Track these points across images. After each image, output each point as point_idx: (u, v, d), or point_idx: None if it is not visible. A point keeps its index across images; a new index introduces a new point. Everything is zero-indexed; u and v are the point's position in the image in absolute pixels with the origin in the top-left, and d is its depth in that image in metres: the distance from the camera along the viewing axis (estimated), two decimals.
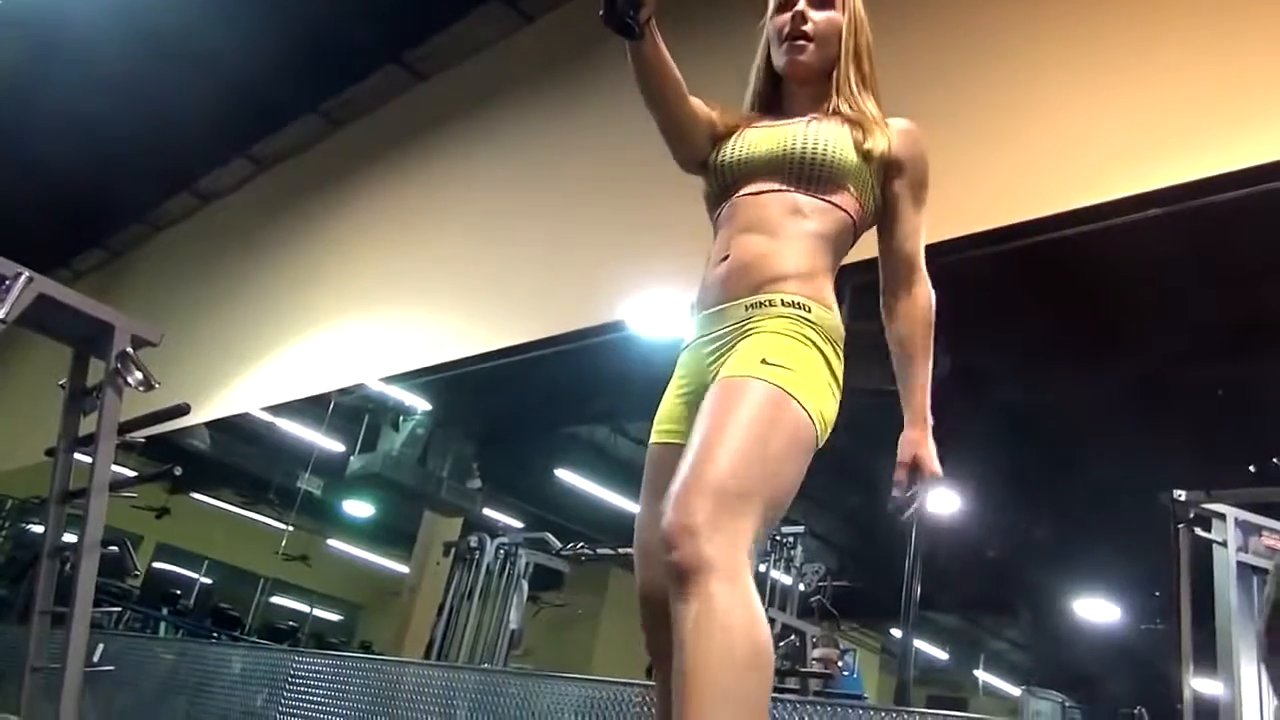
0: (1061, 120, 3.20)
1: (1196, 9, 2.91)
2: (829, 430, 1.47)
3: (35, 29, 5.99)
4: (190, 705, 4.26)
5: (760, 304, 1.52)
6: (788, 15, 1.70)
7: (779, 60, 1.73)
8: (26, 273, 2.42)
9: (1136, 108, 2.99)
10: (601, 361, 6.68)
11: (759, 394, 1.38)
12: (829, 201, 1.59)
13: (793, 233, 1.57)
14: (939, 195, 1.77)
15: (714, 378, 1.48)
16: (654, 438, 1.65)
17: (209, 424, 8.44)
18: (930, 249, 1.80)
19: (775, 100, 1.78)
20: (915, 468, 1.60)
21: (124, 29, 5.84)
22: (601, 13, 1.51)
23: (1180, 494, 4.61)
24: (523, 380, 7.50)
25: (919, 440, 1.61)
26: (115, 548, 2.54)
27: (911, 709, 2.56)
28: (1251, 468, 4.57)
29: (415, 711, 3.54)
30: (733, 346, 1.50)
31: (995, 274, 4.39)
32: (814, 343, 1.49)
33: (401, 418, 9.30)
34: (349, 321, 6.19)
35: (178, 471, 2.62)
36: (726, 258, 1.59)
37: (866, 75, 1.71)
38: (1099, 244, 3.66)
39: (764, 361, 1.41)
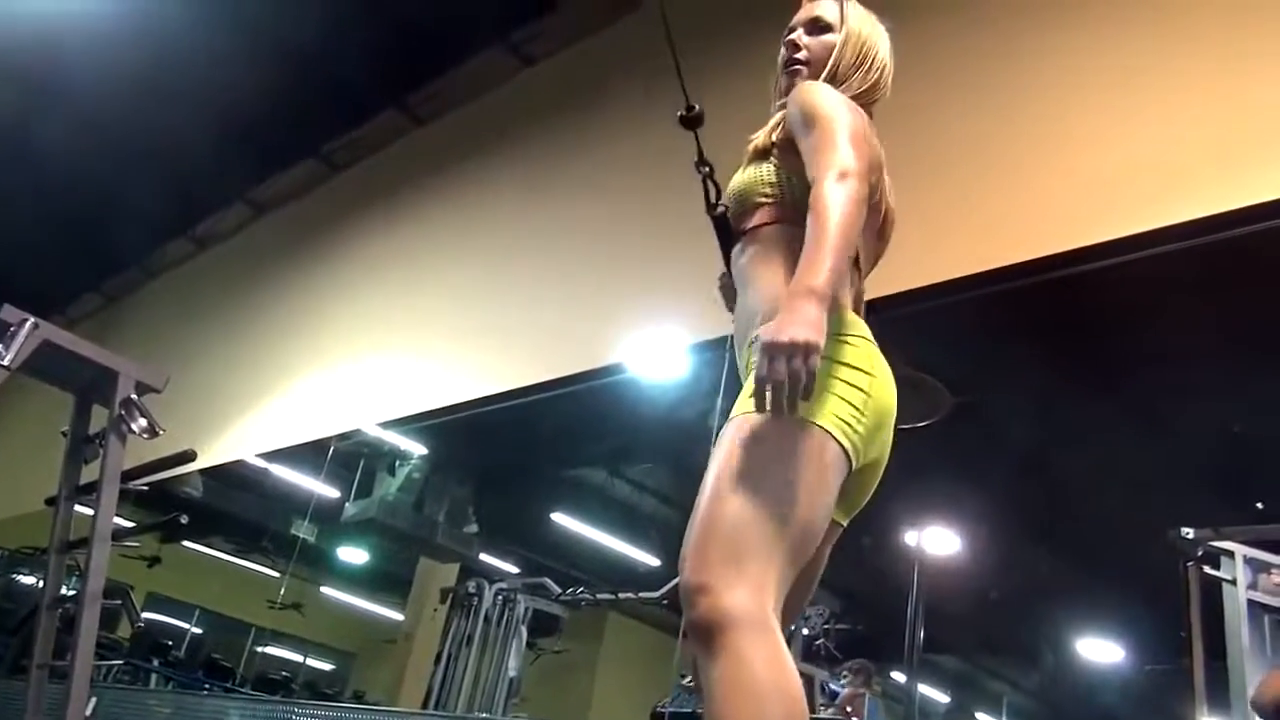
0: (1065, 159, 3.21)
1: (1212, 44, 2.93)
2: (871, 429, 1.38)
3: (29, 73, 5.99)
4: None
5: (752, 341, 1.45)
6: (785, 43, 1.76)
7: (782, 88, 1.76)
8: (32, 319, 2.40)
9: (1144, 145, 2.99)
10: (600, 404, 6.65)
11: (744, 426, 1.32)
12: (750, 228, 1.61)
13: (750, 272, 1.58)
14: (943, 235, 1.78)
15: None
16: None
17: (202, 471, 8.37)
18: (936, 289, 1.80)
19: None
20: None
21: (120, 72, 5.85)
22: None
23: (1188, 531, 4.58)
24: (520, 423, 7.47)
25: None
26: (117, 600, 2.48)
27: None
28: (1260, 504, 4.55)
29: None
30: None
31: (999, 312, 4.38)
32: None
33: (398, 462, 9.25)
34: (347, 367, 6.16)
35: (184, 520, 2.58)
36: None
37: (838, 80, 1.68)
38: (1103, 281, 3.66)
39: (749, 395, 1.32)
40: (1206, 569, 4.57)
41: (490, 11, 5.44)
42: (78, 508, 2.77)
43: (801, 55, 1.71)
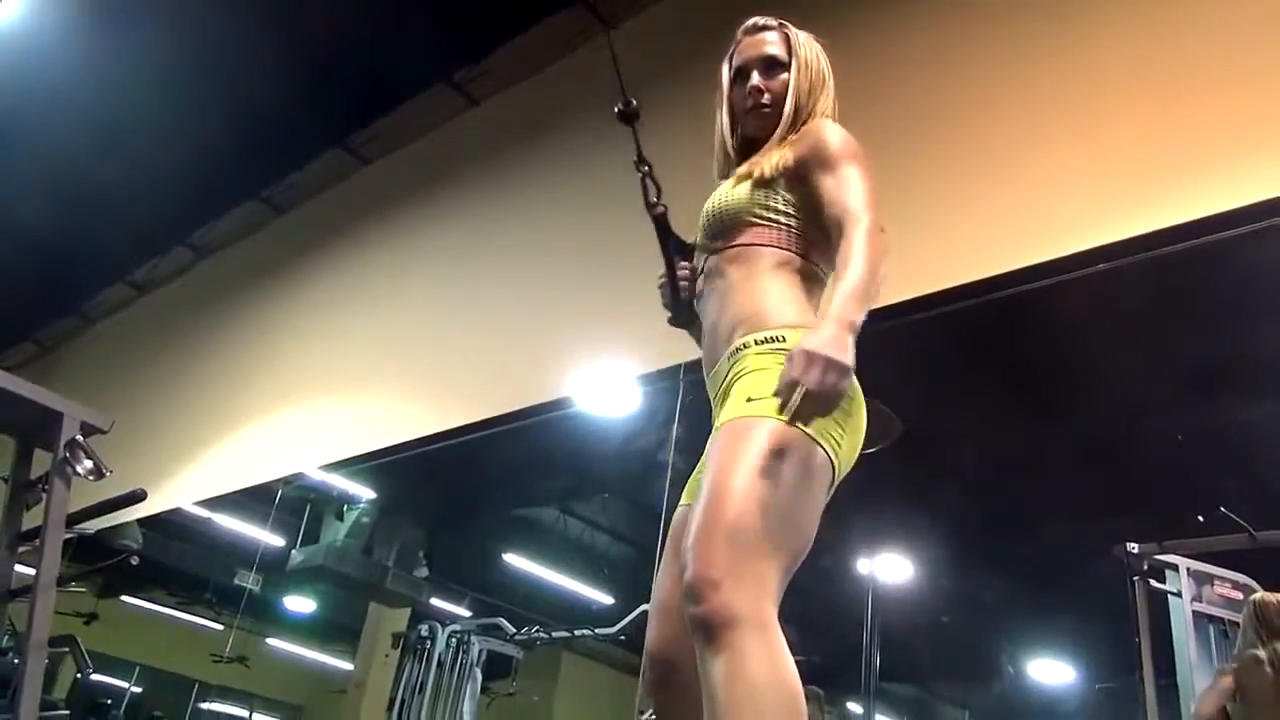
0: (1002, 182, 3.30)
1: (1141, 65, 3.05)
2: (849, 452, 1.44)
3: None
4: None
5: (735, 351, 1.53)
6: (746, 89, 1.79)
7: (749, 129, 1.82)
8: None
9: (1079, 165, 3.09)
10: (549, 440, 6.63)
11: (753, 431, 1.35)
12: (736, 245, 1.65)
13: (736, 283, 1.62)
14: (896, 257, 1.80)
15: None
16: (682, 499, 1.64)
17: (142, 521, 8.15)
18: (879, 313, 1.81)
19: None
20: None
21: (56, 117, 5.76)
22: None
23: (1133, 547, 4.70)
24: (470, 464, 7.40)
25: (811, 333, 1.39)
26: (65, 647, 2.41)
27: None
28: (1200, 518, 4.67)
29: None
30: (725, 400, 1.50)
31: (940, 336, 4.47)
32: None
33: (345, 507, 9.09)
34: (290, 410, 6.06)
35: (135, 561, 2.50)
36: (709, 329, 1.67)
37: (803, 109, 1.76)
38: (1041, 302, 3.76)
39: (749, 400, 1.40)
40: (1153, 583, 4.68)
41: (434, 51, 5.46)
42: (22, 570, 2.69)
43: (766, 99, 1.77)
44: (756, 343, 1.49)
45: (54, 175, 6.20)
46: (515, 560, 10.54)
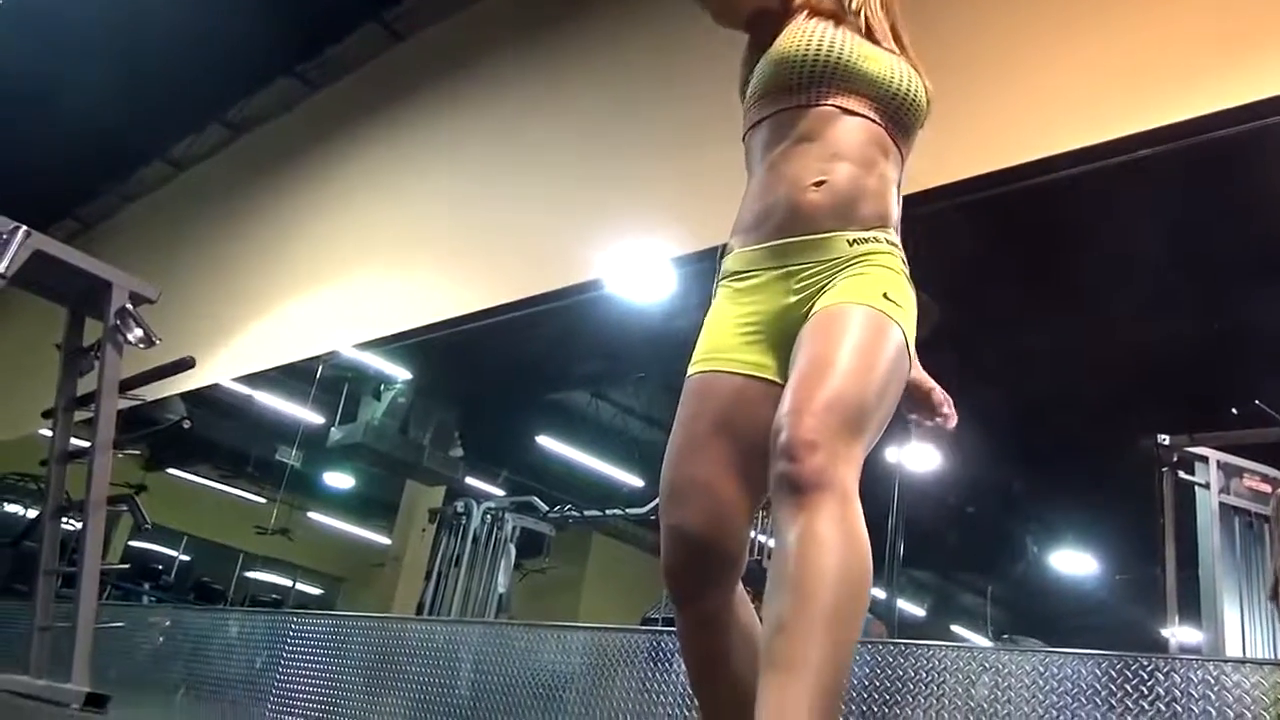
0: (1036, 67, 3.20)
1: None
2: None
3: None
4: (187, 669, 4.24)
5: (867, 239, 1.50)
6: None
7: None
8: (24, 228, 2.38)
9: (1114, 49, 2.99)
10: (581, 327, 6.68)
11: (877, 323, 1.39)
12: (903, 151, 1.61)
13: (883, 173, 1.56)
14: (921, 142, 1.76)
15: (806, 306, 1.46)
16: (702, 366, 1.53)
17: (184, 397, 8.36)
18: (909, 199, 1.81)
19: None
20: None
21: None
22: None
23: (1164, 438, 4.70)
24: (503, 347, 7.49)
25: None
26: (123, 506, 2.52)
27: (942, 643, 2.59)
28: (1234, 410, 4.65)
29: (419, 667, 3.55)
30: (833, 278, 1.47)
31: (970, 224, 4.40)
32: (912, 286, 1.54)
33: (382, 387, 9.26)
34: (324, 288, 6.13)
35: (187, 424, 2.59)
36: (823, 183, 1.51)
37: None
38: (1074, 190, 3.69)
39: (885, 296, 1.42)
40: (1181, 474, 4.70)
41: None
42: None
43: None
44: (888, 242, 1.52)
45: (90, 55, 6.15)
46: (548, 442, 10.74)
